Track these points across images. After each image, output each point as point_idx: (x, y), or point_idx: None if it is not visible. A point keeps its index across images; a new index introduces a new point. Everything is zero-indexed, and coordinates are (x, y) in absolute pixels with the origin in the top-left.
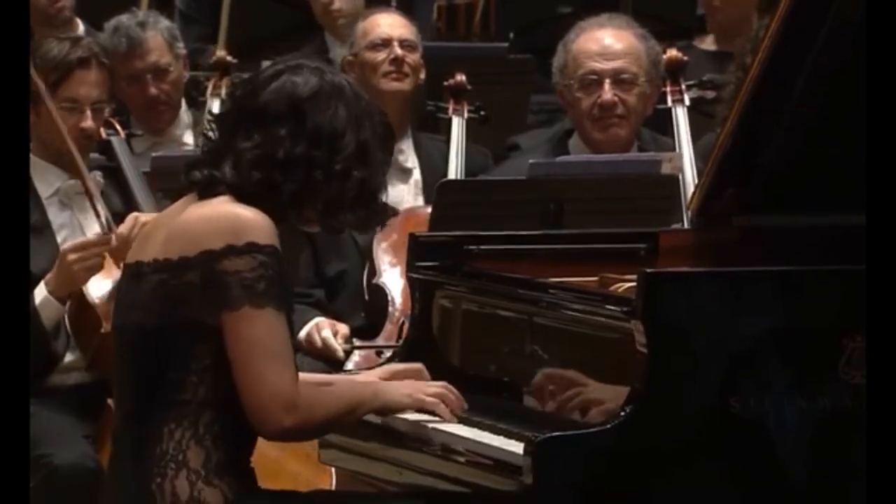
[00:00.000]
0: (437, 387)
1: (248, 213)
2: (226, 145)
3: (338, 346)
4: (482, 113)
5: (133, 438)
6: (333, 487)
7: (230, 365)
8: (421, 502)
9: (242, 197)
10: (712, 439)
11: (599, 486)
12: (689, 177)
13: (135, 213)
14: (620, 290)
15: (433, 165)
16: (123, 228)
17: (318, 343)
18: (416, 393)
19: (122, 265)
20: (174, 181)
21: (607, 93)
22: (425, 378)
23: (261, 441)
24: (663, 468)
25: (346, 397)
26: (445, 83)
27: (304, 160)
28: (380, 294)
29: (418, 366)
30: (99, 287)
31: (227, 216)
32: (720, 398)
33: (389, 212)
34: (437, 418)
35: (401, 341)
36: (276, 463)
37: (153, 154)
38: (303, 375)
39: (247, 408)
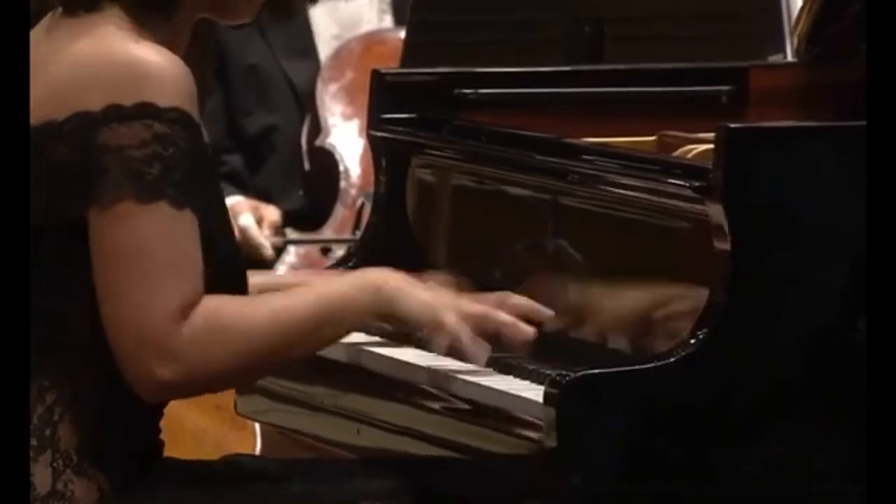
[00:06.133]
0: (488, 302)
1: (148, 55)
2: None
3: (263, 239)
4: None
5: None
6: (257, 452)
7: None
8: (390, 480)
9: None
10: (824, 377)
11: (655, 448)
12: None
13: None
14: (691, 154)
15: None
16: None
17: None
18: (444, 308)
19: None
20: None
21: None
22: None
23: None
24: (749, 420)
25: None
26: None
27: None
28: (327, 161)
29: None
30: None
31: (114, 58)
32: (838, 318)
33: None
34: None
35: (358, 233)
36: (172, 419)
37: None
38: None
39: (113, 350)
